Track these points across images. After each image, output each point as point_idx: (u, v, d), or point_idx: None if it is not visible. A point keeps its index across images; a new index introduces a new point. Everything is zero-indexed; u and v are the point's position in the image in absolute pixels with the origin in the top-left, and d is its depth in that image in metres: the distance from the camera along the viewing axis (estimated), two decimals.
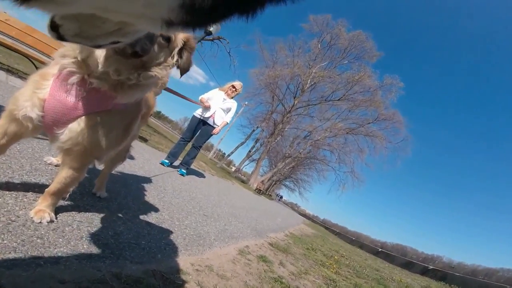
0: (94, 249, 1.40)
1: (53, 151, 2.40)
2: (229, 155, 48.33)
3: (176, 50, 1.31)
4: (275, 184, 49.64)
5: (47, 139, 2.39)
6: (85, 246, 1.38)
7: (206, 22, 0.45)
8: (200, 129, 5.70)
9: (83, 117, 1.21)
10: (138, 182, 3.28)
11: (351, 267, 6.49)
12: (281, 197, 45.20)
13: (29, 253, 1.11)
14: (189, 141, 5.81)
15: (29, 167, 1.84)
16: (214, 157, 57.35)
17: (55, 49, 5.96)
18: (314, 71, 30.64)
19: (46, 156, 2.15)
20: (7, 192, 1.42)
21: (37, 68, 5.69)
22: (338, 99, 30.97)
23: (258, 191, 26.74)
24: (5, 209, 1.29)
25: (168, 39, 1.19)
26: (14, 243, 1.11)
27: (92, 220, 1.67)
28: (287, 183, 56.60)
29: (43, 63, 5.46)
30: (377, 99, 29.94)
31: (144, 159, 4.85)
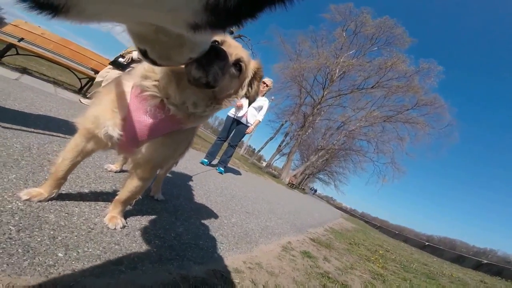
0: (163, 252, 1.50)
1: (111, 158, 2.58)
2: (259, 151, 48.36)
3: (247, 81, 1.25)
4: (308, 177, 48.65)
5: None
6: (155, 249, 1.48)
7: (232, 23, 0.44)
8: (235, 128, 5.84)
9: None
10: (185, 182, 3.46)
11: (397, 261, 6.28)
12: (315, 190, 44.25)
13: (111, 259, 1.21)
14: (225, 141, 5.97)
15: (94, 176, 2.00)
16: (245, 153, 57.94)
17: (93, 59, 6.40)
18: (342, 60, 29.69)
19: (106, 164, 2.31)
20: (82, 202, 1.56)
21: (79, 79, 6.10)
22: (372, 87, 29.59)
23: (291, 186, 26.55)
24: (84, 218, 1.41)
25: (239, 69, 1.15)
26: (98, 251, 1.22)
27: (155, 223, 1.78)
28: (321, 176, 54.93)
29: (83, 73, 5.87)
30: (414, 85, 28.18)
31: (185, 159, 5.03)
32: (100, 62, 6.52)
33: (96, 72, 6.68)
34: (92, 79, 6.10)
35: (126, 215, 1.64)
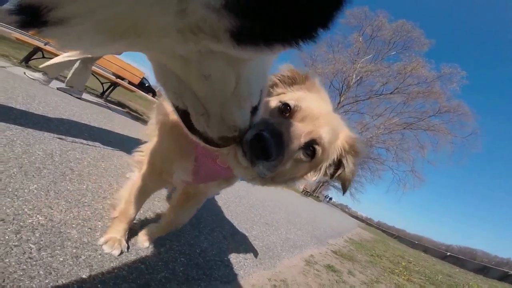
0: (189, 271, 1.41)
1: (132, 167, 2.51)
2: None
3: (326, 163, 0.96)
4: (322, 185, 48.32)
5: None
6: (181, 269, 1.38)
7: (282, 32, 0.35)
8: None
9: None
10: None
11: (421, 273, 6.03)
12: (331, 198, 43.38)
13: (138, 282, 1.11)
14: None
15: (117, 185, 1.92)
16: None
17: (114, 63, 6.44)
18: (359, 65, 29.24)
19: (128, 173, 2.23)
20: (105, 215, 1.47)
21: (102, 83, 6.16)
22: (391, 93, 28.87)
23: (305, 193, 26.20)
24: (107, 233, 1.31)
25: (312, 154, 0.87)
26: (123, 271, 1.13)
27: (180, 238, 1.68)
28: (335, 183, 54.14)
29: (106, 78, 5.91)
30: (435, 90, 27.11)
31: None
32: (121, 66, 6.58)
33: (118, 76, 6.75)
34: (114, 84, 6.15)
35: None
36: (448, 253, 23.22)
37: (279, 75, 1.03)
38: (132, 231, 1.42)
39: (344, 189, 1.03)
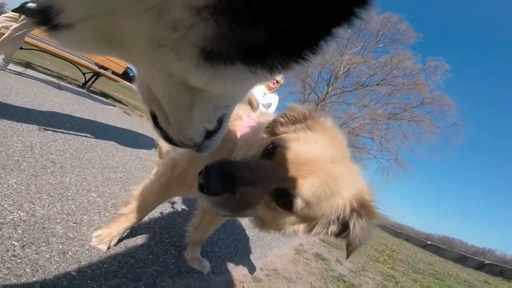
0: (181, 264, 1.38)
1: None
2: None
3: (323, 221, 0.81)
4: None
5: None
6: (172, 261, 1.35)
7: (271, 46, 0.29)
8: None
9: None
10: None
11: (404, 262, 6.24)
12: None
13: (129, 276, 1.08)
14: None
15: (102, 177, 1.86)
16: None
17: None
18: (347, 57, 29.39)
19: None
20: (90, 208, 1.41)
21: (84, 73, 5.93)
22: (377, 84, 29.24)
23: None
24: (94, 227, 1.28)
25: (289, 203, 0.74)
26: (113, 266, 1.09)
27: (170, 230, 1.65)
28: None
29: (88, 68, 5.70)
30: (420, 82, 27.74)
31: None
32: (106, 57, 6.33)
33: (101, 67, 6.51)
34: (97, 74, 5.93)
35: (140, 224, 1.50)
36: (429, 242, 24.14)
37: (283, 114, 0.93)
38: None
39: (348, 254, 0.84)
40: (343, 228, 0.82)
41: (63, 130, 2.29)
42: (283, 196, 0.74)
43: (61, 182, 1.50)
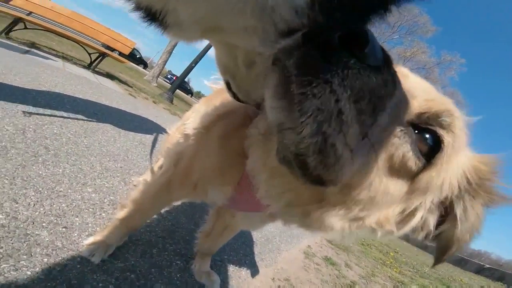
0: (188, 278, 1.19)
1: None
2: None
3: (432, 197, 0.51)
4: None
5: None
6: (178, 275, 1.17)
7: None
8: None
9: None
10: None
11: (410, 265, 6.15)
12: None
13: None
14: None
15: (100, 167, 1.66)
16: None
17: (104, 34, 5.97)
18: None
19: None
20: (84, 207, 1.22)
21: (89, 54, 5.71)
22: None
23: None
24: (87, 233, 1.08)
25: (433, 146, 0.46)
26: (110, 285, 0.89)
27: (174, 234, 1.46)
28: None
29: (94, 48, 5.48)
30: (433, 77, 27.07)
31: None
32: (111, 37, 6.08)
33: (107, 47, 6.27)
34: (102, 54, 5.70)
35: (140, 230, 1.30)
36: (428, 243, 24.01)
37: None
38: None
39: (440, 259, 0.58)
40: (442, 218, 0.54)
41: (62, 113, 2.09)
42: (424, 133, 0.45)
43: (52, 174, 1.30)
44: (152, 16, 0.36)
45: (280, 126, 0.34)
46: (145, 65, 30.61)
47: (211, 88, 1.19)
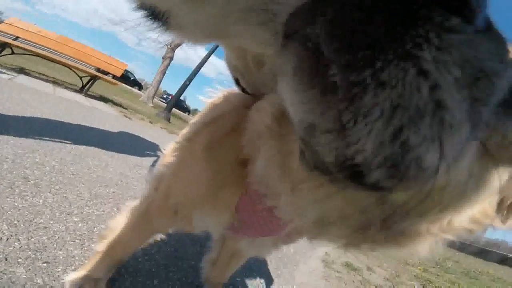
0: None
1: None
2: None
3: None
4: None
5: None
6: None
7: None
8: None
9: None
10: None
11: (431, 260, 5.83)
12: None
13: None
14: None
15: (89, 194, 1.49)
16: None
17: (94, 57, 5.90)
18: None
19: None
20: (69, 239, 1.05)
21: (81, 78, 5.63)
22: None
23: None
24: (73, 267, 0.92)
25: None
26: None
27: (177, 260, 1.28)
28: None
29: (85, 72, 5.40)
30: None
31: None
32: (103, 60, 6.02)
33: (102, 71, 6.20)
34: (93, 77, 5.61)
35: (136, 253, 1.13)
36: None
37: None
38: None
39: None
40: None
41: (46, 139, 1.94)
42: None
43: (31, 205, 1.13)
44: (155, 16, 0.36)
45: (310, 128, 0.24)
46: (140, 86, 30.85)
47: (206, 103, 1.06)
